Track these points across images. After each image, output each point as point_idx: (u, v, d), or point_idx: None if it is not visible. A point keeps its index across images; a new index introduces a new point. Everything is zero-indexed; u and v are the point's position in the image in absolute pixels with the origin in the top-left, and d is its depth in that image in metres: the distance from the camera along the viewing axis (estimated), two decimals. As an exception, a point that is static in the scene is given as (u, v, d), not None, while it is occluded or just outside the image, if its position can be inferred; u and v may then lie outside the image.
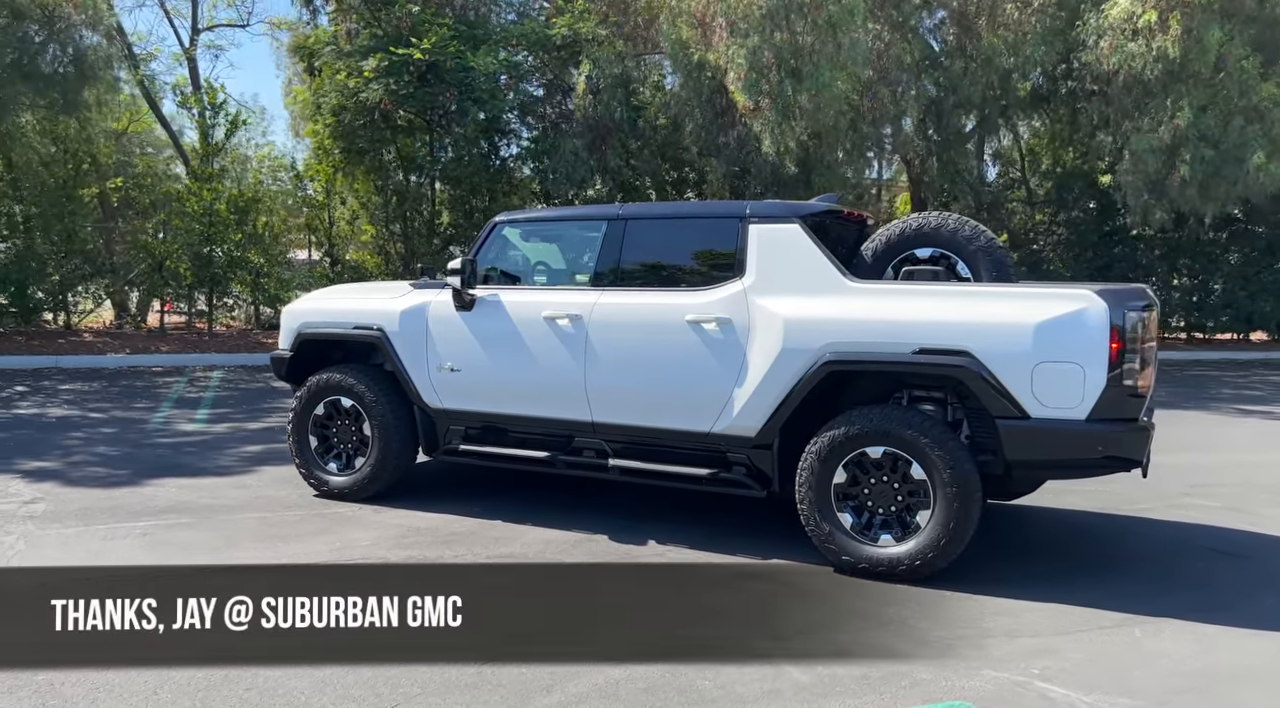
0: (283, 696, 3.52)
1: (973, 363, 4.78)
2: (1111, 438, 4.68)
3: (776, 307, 5.25)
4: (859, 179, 17.30)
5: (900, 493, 4.99)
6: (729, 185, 17.07)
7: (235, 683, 3.59)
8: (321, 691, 3.56)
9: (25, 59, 12.16)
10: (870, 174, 18.98)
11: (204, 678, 3.61)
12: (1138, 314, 4.62)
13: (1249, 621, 4.46)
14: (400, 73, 15.09)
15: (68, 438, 8.61)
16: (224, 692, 3.53)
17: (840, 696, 3.62)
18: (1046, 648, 4.13)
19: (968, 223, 5.51)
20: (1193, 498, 7.02)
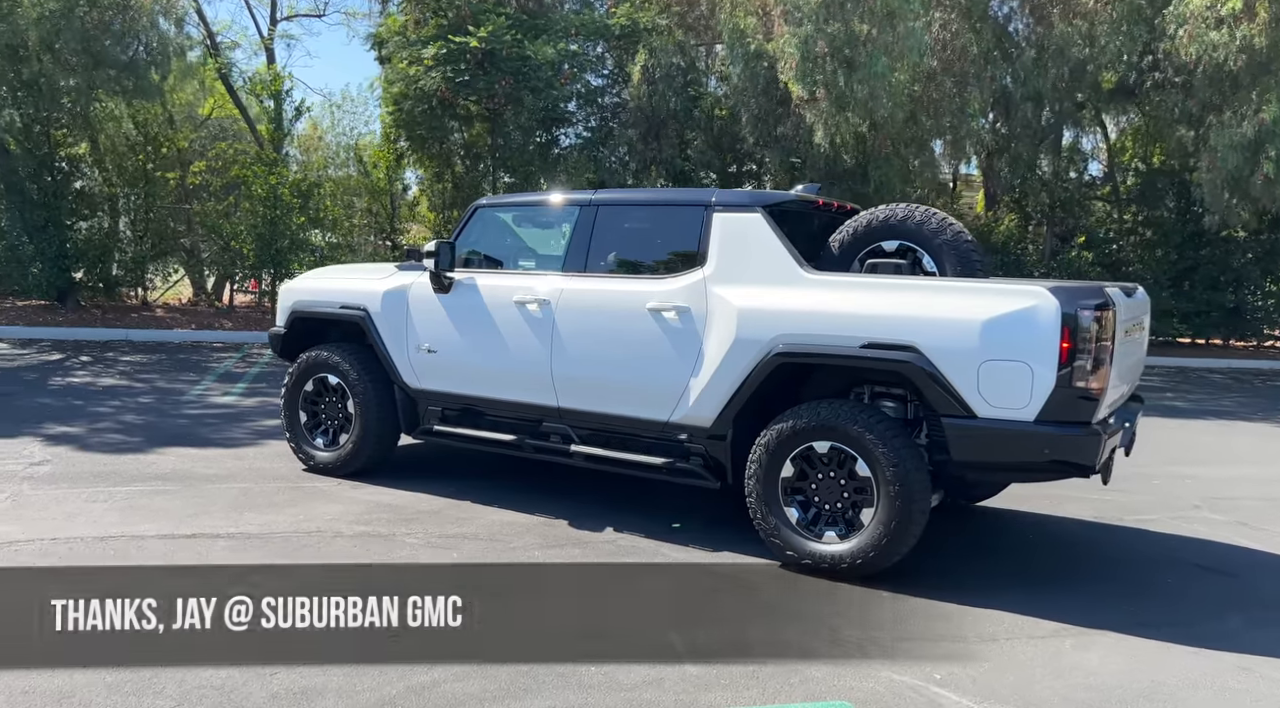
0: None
1: (919, 359, 4.64)
2: (1060, 441, 4.49)
3: (733, 296, 5.19)
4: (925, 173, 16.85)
5: (846, 490, 4.88)
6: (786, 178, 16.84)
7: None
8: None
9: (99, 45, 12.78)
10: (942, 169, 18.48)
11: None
12: (1091, 313, 4.41)
13: (1200, 640, 4.23)
14: (458, 61, 15.33)
15: (103, 406, 9.04)
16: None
17: (720, 688, 3.57)
18: (962, 654, 4.00)
19: (935, 215, 5.34)
20: (1203, 511, 6.69)
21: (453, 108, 16.06)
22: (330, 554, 4.90)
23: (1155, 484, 7.52)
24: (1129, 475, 7.75)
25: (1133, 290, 5.41)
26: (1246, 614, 4.64)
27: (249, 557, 4.79)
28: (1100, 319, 4.44)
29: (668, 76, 16.14)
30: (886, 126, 15.29)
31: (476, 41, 15.11)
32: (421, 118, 16.11)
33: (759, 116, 16.08)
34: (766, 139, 16.54)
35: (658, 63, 16.12)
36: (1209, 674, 3.89)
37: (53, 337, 14.62)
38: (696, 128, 17.21)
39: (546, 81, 15.73)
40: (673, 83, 16.20)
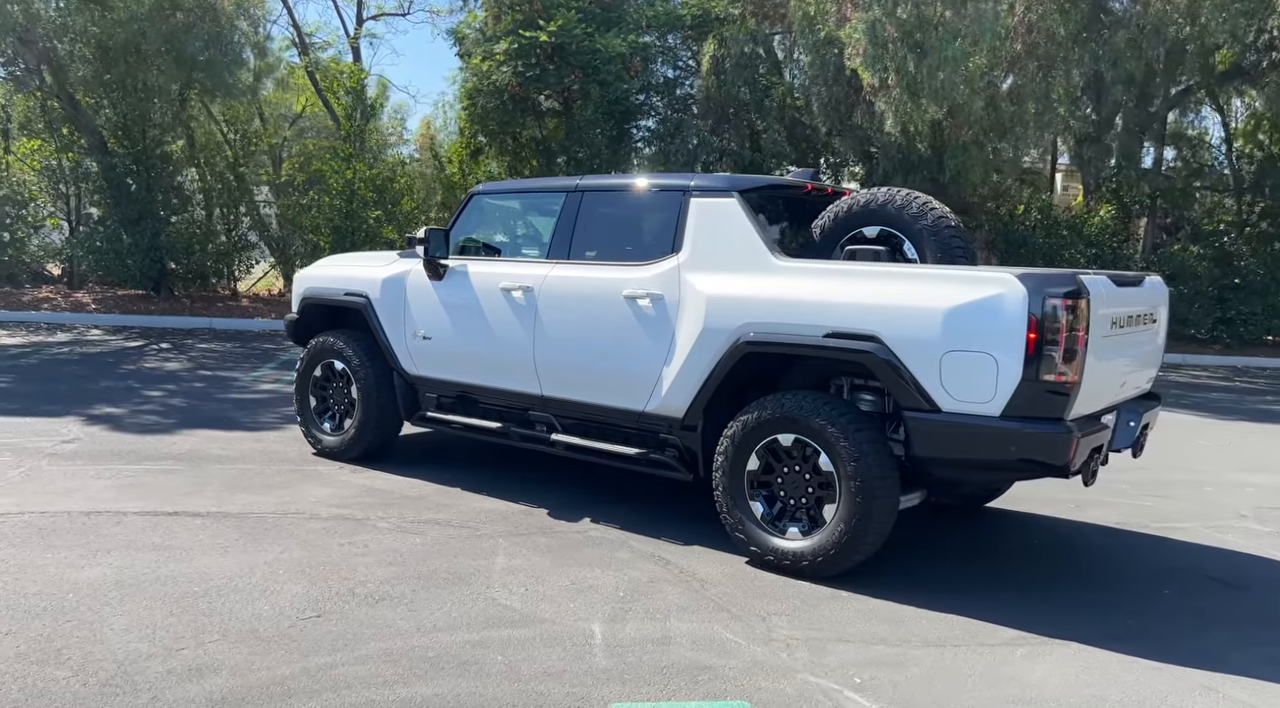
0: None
1: (880, 349, 4.43)
2: (1027, 439, 4.20)
3: (703, 284, 5.05)
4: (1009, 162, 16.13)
5: (811, 485, 4.70)
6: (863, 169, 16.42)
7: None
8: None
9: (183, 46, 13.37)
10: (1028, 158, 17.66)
11: None
12: (1060, 302, 4.12)
13: (1171, 655, 3.91)
14: (528, 55, 15.46)
15: (157, 389, 9.44)
16: None
17: (619, 683, 3.47)
18: (896, 659, 3.79)
19: (916, 199, 5.08)
20: (1247, 521, 6.21)
21: (524, 102, 16.20)
22: (298, 535, 4.97)
23: (1206, 491, 7.04)
24: (1179, 481, 7.31)
25: (1137, 280, 5.04)
26: (1237, 631, 4.26)
27: (219, 536, 4.91)
28: (1072, 308, 4.14)
29: (738, 66, 15.91)
30: (962, 113, 14.72)
31: (546, 36, 15.20)
32: (494, 112, 16.31)
33: (830, 105, 15.72)
34: (839, 128, 16.15)
35: (728, 52, 15.90)
36: (1163, 693, 3.58)
37: (143, 324, 15.39)
38: (768, 118, 16.91)
39: (616, 74, 15.71)
40: (743, 72, 15.96)
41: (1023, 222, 18.38)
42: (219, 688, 3.25)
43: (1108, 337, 4.48)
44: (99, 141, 15.97)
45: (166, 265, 16.55)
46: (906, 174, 15.50)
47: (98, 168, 16.10)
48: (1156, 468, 7.83)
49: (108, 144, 16.04)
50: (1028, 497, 6.47)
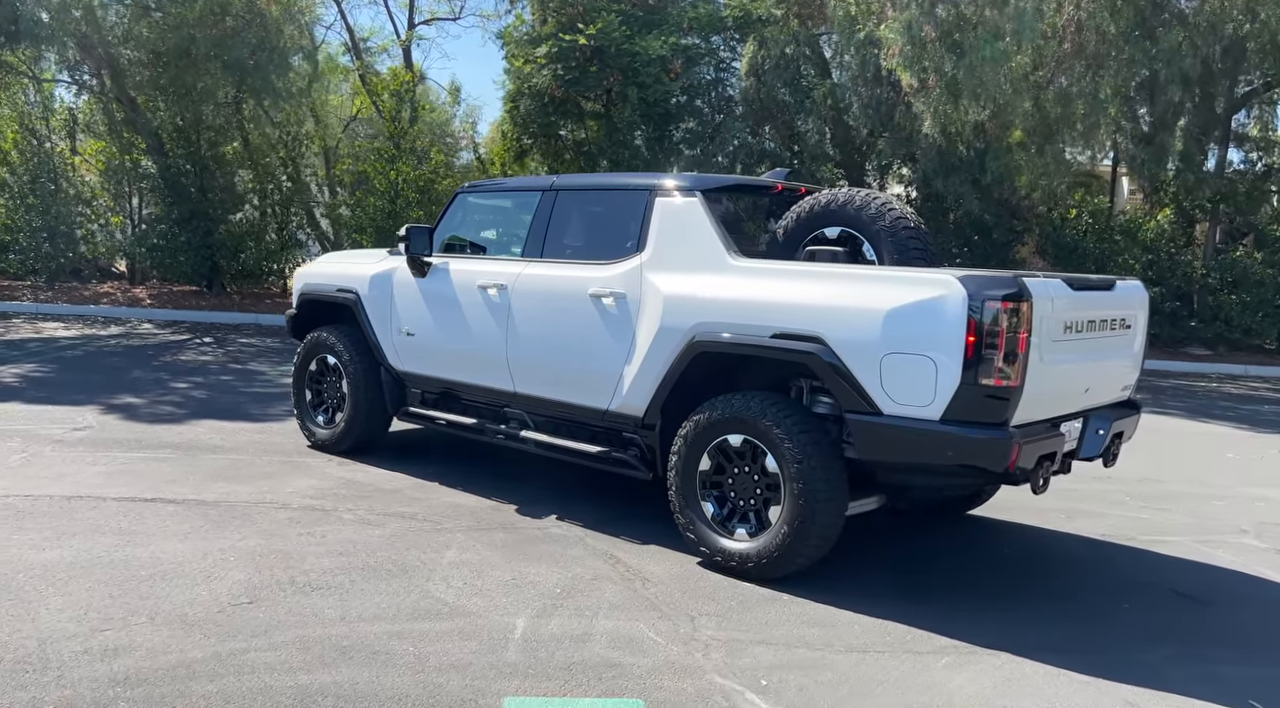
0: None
1: (824, 350, 4.38)
2: (964, 444, 4.12)
3: (662, 283, 5.05)
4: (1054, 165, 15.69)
5: (759, 486, 4.67)
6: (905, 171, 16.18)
7: None
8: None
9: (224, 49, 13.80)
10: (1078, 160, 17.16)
11: None
12: (1000, 304, 4.02)
13: (1104, 669, 3.79)
14: (568, 58, 15.56)
15: (183, 382, 9.75)
16: None
17: (521, 678, 3.49)
18: (812, 663, 3.75)
19: (875, 200, 5.00)
20: (1246, 537, 5.99)
21: (564, 104, 16.32)
22: (262, 524, 5.10)
23: (1214, 505, 6.80)
24: (1188, 494, 7.07)
25: (1105, 284, 4.90)
26: (1186, 648, 4.11)
27: (186, 522, 5.06)
28: (1013, 311, 4.04)
29: (778, 67, 15.81)
30: (1005, 115, 14.40)
31: (585, 39, 15.29)
32: (535, 115, 16.46)
33: (871, 105, 15.53)
34: (881, 129, 15.93)
35: (768, 53, 15.82)
36: (1079, 706, 3.48)
37: (193, 319, 15.89)
38: (808, 119, 16.77)
39: (655, 76, 15.73)
40: (783, 73, 15.85)
41: (1074, 226, 17.90)
42: (126, 669, 3.36)
43: (1061, 341, 4.36)
44: (157, 143, 16.56)
45: (218, 263, 17.06)
46: (947, 176, 15.23)
47: (155, 169, 16.69)
48: (1170, 480, 7.59)
49: (164, 146, 16.63)
50: (1017, 505, 6.33)
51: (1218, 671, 3.88)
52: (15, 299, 16.54)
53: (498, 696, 3.34)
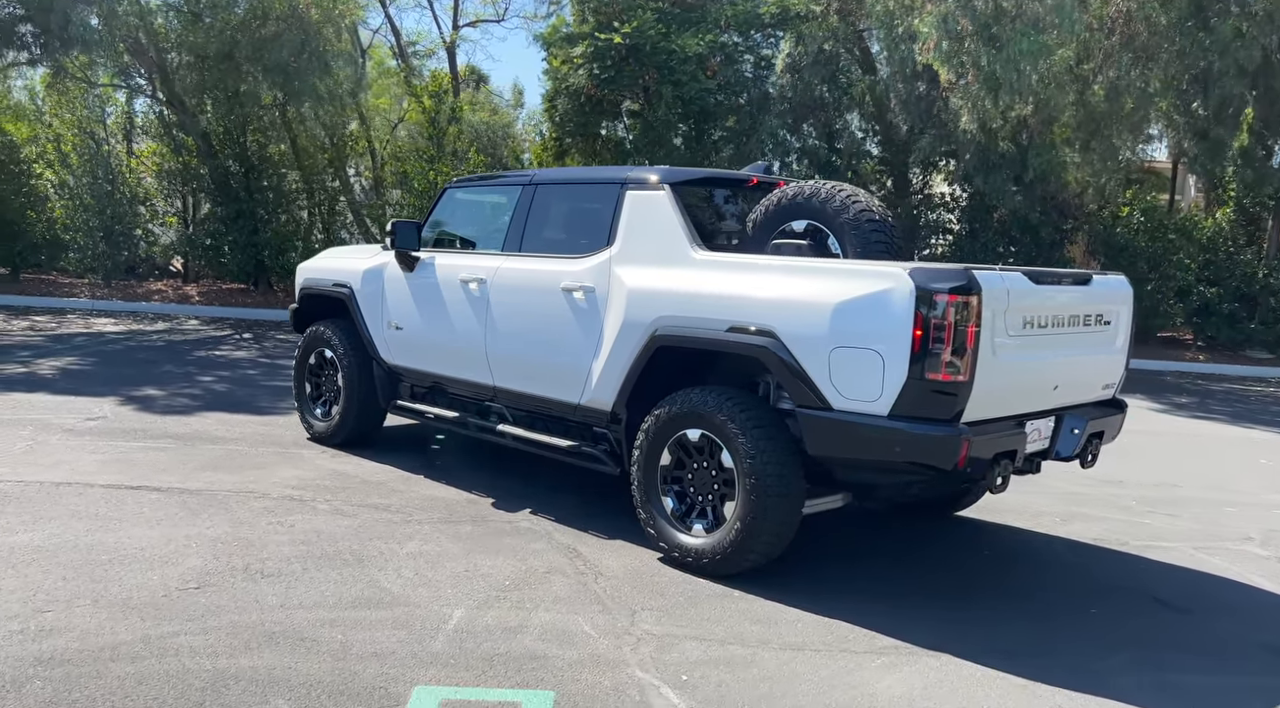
0: None
1: (776, 344, 4.32)
2: (911, 440, 4.01)
3: (628, 277, 5.03)
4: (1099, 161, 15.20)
5: (716, 481, 4.61)
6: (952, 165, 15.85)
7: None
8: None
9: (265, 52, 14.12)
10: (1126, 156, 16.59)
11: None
12: (948, 298, 3.91)
13: (1047, 674, 3.67)
14: (604, 58, 15.59)
15: (208, 375, 9.99)
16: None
17: (439, 668, 3.49)
18: (742, 659, 3.69)
19: (840, 193, 4.89)
20: (1251, 545, 5.75)
21: (600, 104, 16.35)
22: (236, 513, 5.19)
23: (1225, 511, 6.54)
24: (1201, 499, 6.82)
25: (1081, 278, 4.74)
26: (1145, 655, 3.95)
27: (162, 510, 5.18)
28: (962, 305, 3.93)
29: (816, 63, 15.62)
30: (1046, 110, 14.03)
31: (620, 37, 15.30)
32: (571, 114, 16.52)
33: (910, 102, 15.24)
34: (922, 125, 15.64)
35: (805, 50, 15.63)
36: (1009, 713, 3.37)
37: (237, 316, 16.28)
38: (848, 116, 16.54)
39: (691, 74, 15.67)
40: (821, 70, 15.65)
41: (1126, 225, 17.37)
42: (54, 649, 3.45)
43: (1021, 336, 4.23)
44: (206, 145, 17.02)
45: (264, 261, 17.45)
46: (988, 174, 14.89)
47: (204, 170, 17.15)
48: (1189, 485, 7.32)
49: (214, 147, 17.08)
50: (1010, 507, 6.17)
51: (1172, 679, 3.73)
52: (73, 296, 17.13)
53: (409, 684, 3.35)
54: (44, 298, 16.81)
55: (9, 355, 10.58)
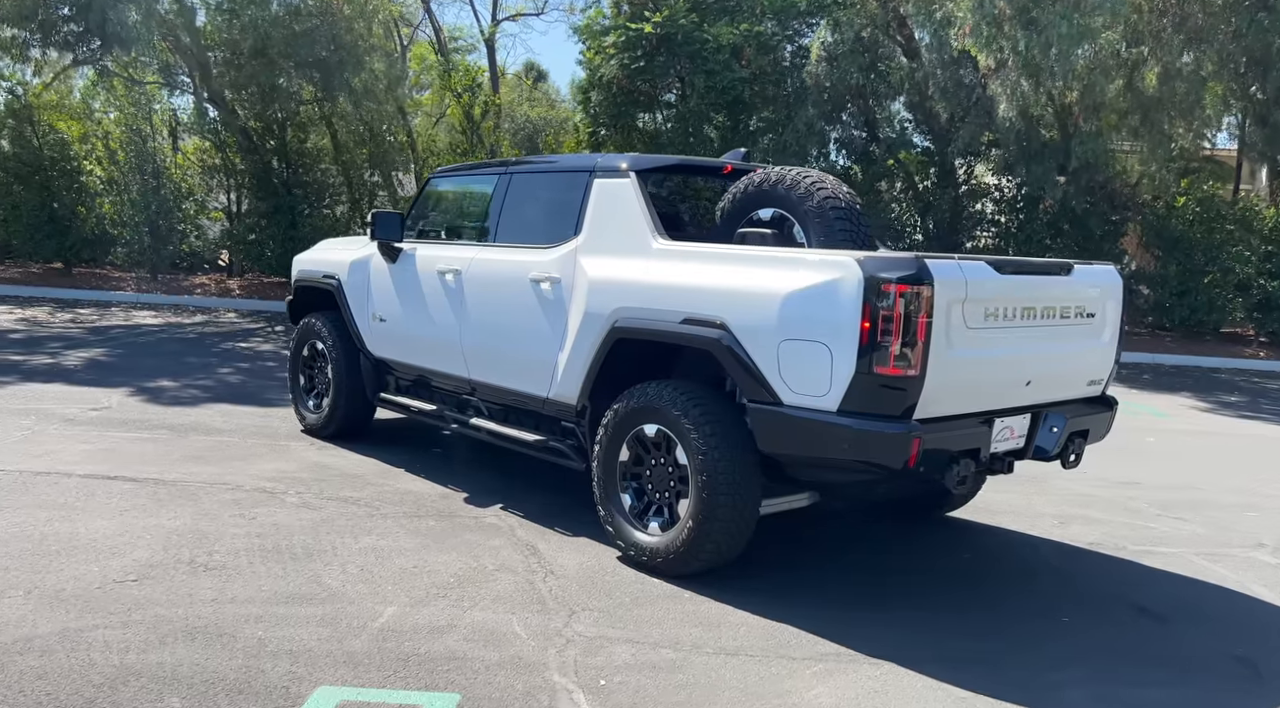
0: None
1: (727, 336, 4.14)
2: (859, 437, 3.81)
3: (591, 267, 4.89)
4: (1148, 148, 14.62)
5: (673, 478, 4.46)
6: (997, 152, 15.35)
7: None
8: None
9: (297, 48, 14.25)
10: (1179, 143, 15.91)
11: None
12: (896, 288, 3.70)
13: (991, 685, 3.46)
14: (634, 48, 15.44)
15: (226, 367, 10.10)
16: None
17: (356, 667, 3.40)
18: (671, 664, 3.53)
19: (805, 179, 4.68)
20: (1259, 552, 5.44)
21: (632, 95, 16.20)
22: (203, 505, 5.18)
23: (1246, 516, 6.20)
24: (1221, 503, 6.48)
25: (1058, 268, 4.48)
26: (1105, 666, 3.71)
27: (130, 500, 5.18)
28: (912, 296, 3.72)
29: (852, 51, 15.25)
30: (1091, 95, 13.51)
31: (650, 27, 15.14)
32: (603, 105, 16.40)
33: (948, 88, 14.81)
34: (962, 113, 15.19)
35: (841, 37, 15.28)
36: (939, 729, 3.17)
37: (274, 310, 16.49)
38: (886, 103, 16.15)
39: (724, 64, 15.43)
40: (857, 57, 15.28)
41: (1180, 215, 16.68)
42: (-31, 638, 3.44)
43: (983, 329, 4.00)
44: (247, 140, 17.28)
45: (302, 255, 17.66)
46: (1029, 163, 14.41)
47: (244, 165, 17.42)
48: (1211, 488, 6.95)
49: (254, 142, 17.34)
50: (1008, 509, 5.92)
51: (1124, 692, 3.49)
52: (120, 289, 17.55)
53: (314, 684, 3.26)
54: (92, 291, 17.25)
55: (41, 347, 10.82)
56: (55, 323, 13.34)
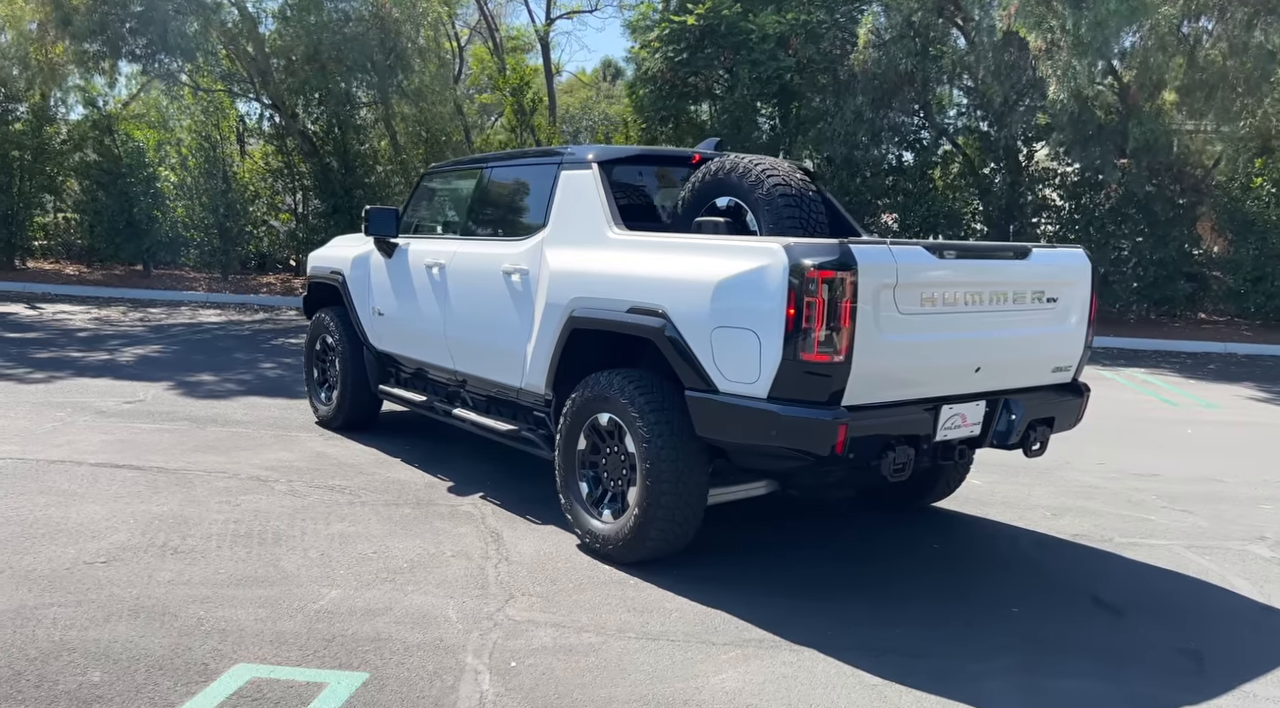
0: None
1: (667, 325, 4.17)
2: (786, 423, 3.79)
3: (554, 258, 4.96)
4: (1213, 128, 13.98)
5: (625, 467, 4.50)
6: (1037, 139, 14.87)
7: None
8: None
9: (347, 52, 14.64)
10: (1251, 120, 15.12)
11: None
12: (819, 274, 3.67)
13: (907, 675, 3.43)
14: (679, 40, 15.42)
15: (267, 362, 10.46)
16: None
17: (279, 645, 3.53)
18: (587, 648, 3.58)
19: (757, 166, 4.64)
20: (1257, 546, 5.22)
21: (678, 87, 16.19)
22: (195, 492, 5.40)
23: (1262, 509, 5.99)
24: (1235, 496, 6.22)
25: (1016, 251, 4.37)
26: (1039, 658, 3.62)
27: (129, 487, 5.43)
28: (837, 281, 3.68)
29: (900, 37, 14.96)
30: (1148, 73, 13.00)
31: (693, 19, 15.11)
32: (650, 99, 16.43)
33: (999, 72, 14.41)
34: (1015, 97, 14.77)
35: (890, 23, 15.01)
36: None
37: (334, 306, 16.98)
38: (936, 89, 15.79)
39: (769, 53, 15.31)
40: (906, 43, 14.98)
41: (1256, 197, 15.93)
42: (-71, 614, 3.68)
43: (920, 315, 3.93)
44: (308, 143, 17.83)
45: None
46: (1085, 146, 13.93)
47: (306, 168, 17.98)
48: (1231, 480, 6.68)
49: (315, 146, 17.88)
50: (1004, 500, 5.80)
51: (1047, 684, 3.40)
52: (193, 289, 18.30)
53: (234, 661, 3.39)
54: (166, 291, 18.02)
55: (101, 344, 11.37)
56: (125, 322, 13.98)
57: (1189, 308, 17.13)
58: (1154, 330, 16.01)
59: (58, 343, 11.26)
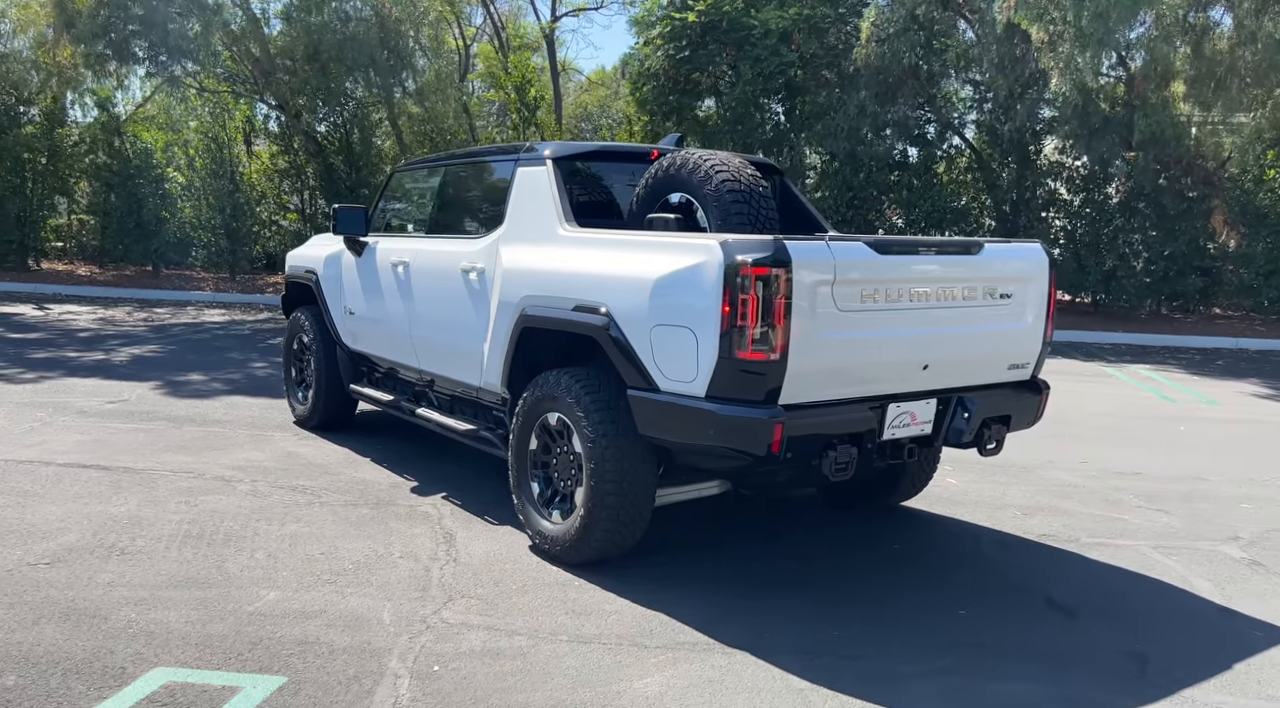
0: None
1: (612, 324, 4.10)
2: (722, 422, 3.73)
3: (508, 256, 4.91)
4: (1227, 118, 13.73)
5: (573, 467, 4.44)
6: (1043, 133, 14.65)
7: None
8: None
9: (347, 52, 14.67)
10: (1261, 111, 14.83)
11: None
12: (754, 272, 3.59)
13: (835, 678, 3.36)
14: (679, 37, 15.33)
15: (260, 362, 10.49)
16: None
17: (204, 648, 3.50)
18: (515, 651, 3.53)
19: (707, 162, 4.56)
20: (1229, 546, 5.10)
21: (679, 84, 16.10)
22: (156, 492, 5.39)
23: (1242, 508, 5.86)
24: (1218, 494, 6.09)
25: (964, 246, 4.27)
26: (978, 661, 3.55)
27: (91, 487, 5.44)
28: (769, 278, 3.60)
29: (904, 30, 14.80)
30: (1154, 64, 12.78)
31: (694, 15, 15.02)
32: (652, 96, 16.35)
33: (1002, 65, 14.21)
34: (1019, 90, 14.57)
35: (893, 16, 14.85)
36: None
37: (339, 306, 17.03)
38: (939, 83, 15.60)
39: (771, 49, 15.18)
40: (910, 36, 14.81)
41: (1269, 189, 15.64)
42: None
43: (860, 312, 3.85)
44: (314, 143, 17.89)
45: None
46: (1090, 139, 13.71)
47: (312, 168, 18.04)
48: (1218, 478, 6.54)
49: (320, 145, 17.94)
50: (976, 499, 5.70)
51: (982, 687, 3.32)
52: (200, 289, 18.42)
53: (153, 665, 3.36)
54: (174, 292, 18.14)
55: (99, 344, 11.44)
56: (128, 322, 14.06)
57: (1202, 303, 16.86)
58: (1166, 326, 15.76)
59: (56, 343, 11.35)
